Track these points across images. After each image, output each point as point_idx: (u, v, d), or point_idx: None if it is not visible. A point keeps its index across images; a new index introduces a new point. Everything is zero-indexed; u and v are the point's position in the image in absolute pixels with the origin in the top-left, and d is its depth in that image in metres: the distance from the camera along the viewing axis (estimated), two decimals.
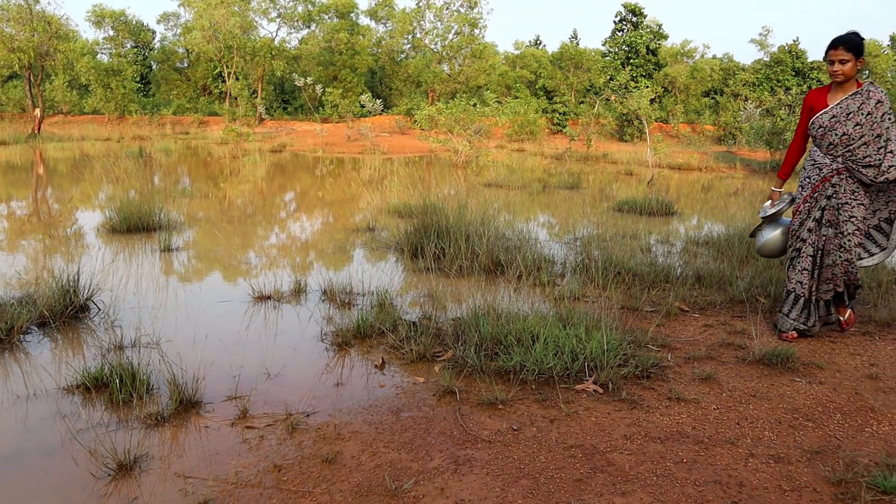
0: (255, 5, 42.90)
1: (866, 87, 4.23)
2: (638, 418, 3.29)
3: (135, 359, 3.73)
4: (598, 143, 27.65)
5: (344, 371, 3.88)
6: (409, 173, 15.66)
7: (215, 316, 4.93)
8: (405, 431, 3.12)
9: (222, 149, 24.81)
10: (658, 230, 8.88)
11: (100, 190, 12.58)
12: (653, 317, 4.91)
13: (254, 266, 6.66)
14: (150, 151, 21.39)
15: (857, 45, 4.15)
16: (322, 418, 3.25)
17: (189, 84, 48.13)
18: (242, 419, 3.22)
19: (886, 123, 4.21)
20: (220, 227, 8.68)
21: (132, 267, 6.38)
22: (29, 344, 4.25)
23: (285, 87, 46.83)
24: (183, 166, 18.43)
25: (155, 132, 33.83)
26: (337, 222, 9.66)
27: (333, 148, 25.68)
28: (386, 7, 46.95)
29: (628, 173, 18.78)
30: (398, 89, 44.82)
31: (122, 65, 44.20)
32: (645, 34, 38.88)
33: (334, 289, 5.31)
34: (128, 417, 3.23)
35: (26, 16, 34.87)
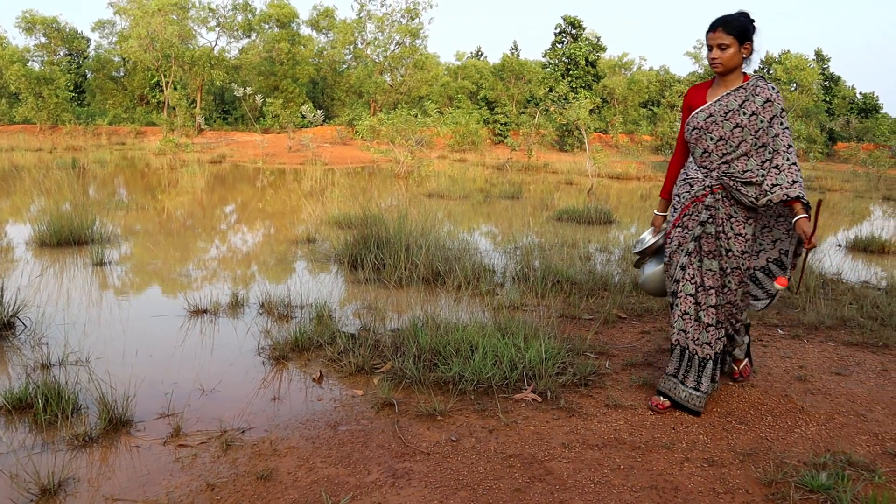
0: (194, 14, 42.24)
1: (753, 80, 3.32)
2: (576, 426, 3.32)
3: (62, 377, 3.60)
4: (539, 154, 28.00)
5: (281, 385, 3.81)
6: (350, 184, 15.58)
7: (149, 331, 4.80)
8: (343, 445, 3.08)
9: (160, 160, 24.27)
10: (597, 238, 9.02)
11: (30, 203, 12.16)
12: (591, 324, 4.97)
13: (191, 279, 6.52)
14: (84, 163, 20.78)
15: (740, 26, 3.26)
16: (258, 434, 3.19)
17: (125, 93, 47.04)
18: (175, 437, 3.13)
19: (775, 129, 3.28)
20: (158, 240, 8.48)
21: (62, 282, 6.17)
22: None
23: (225, 97, 46.16)
24: (119, 178, 17.97)
25: (90, 143, 32.91)
26: (277, 234, 9.54)
27: (274, 159, 25.39)
28: (327, 17, 46.77)
29: (569, 183, 19.06)
30: (340, 100, 44.65)
31: (54, 73, 42.94)
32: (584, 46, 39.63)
33: (272, 301, 5.23)
34: (53, 439, 3.11)
35: None
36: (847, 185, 21.99)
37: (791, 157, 3.25)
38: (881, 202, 18.14)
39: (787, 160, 3.26)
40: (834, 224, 12.69)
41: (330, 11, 46.78)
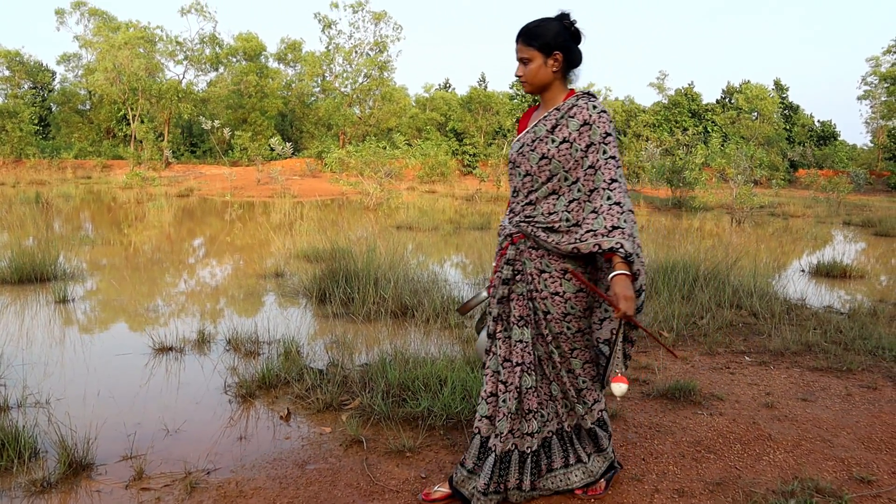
0: (162, 47, 42.25)
1: (572, 100, 2.64)
2: None
3: (20, 420, 3.51)
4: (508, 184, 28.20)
5: (248, 424, 3.75)
6: (319, 217, 15.54)
7: (112, 370, 4.70)
8: (311, 485, 3.03)
9: (127, 194, 24.04)
10: None
11: None
12: None
13: (158, 315, 6.42)
14: (48, 197, 20.49)
15: (542, 35, 2.60)
16: (224, 475, 3.12)
17: (91, 127, 46.67)
18: (138, 480, 3.06)
19: (591, 160, 2.56)
20: (124, 275, 8.36)
21: (23, 320, 6.04)
22: None
23: (193, 130, 46.00)
24: (85, 212, 17.75)
25: (54, 177, 32.53)
26: (246, 268, 9.46)
27: (243, 192, 25.28)
28: (294, 50, 47.00)
29: None
30: (309, 132, 44.73)
31: (18, 106, 42.51)
32: None
33: (240, 338, 5.17)
34: (10, 486, 3.02)
35: None
36: (809, 211, 22.47)
37: (614, 196, 2.50)
38: (842, 227, 18.55)
39: (607, 199, 2.51)
40: (797, 249, 12.93)
41: (297, 44, 47.05)
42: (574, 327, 2.66)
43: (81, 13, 44.67)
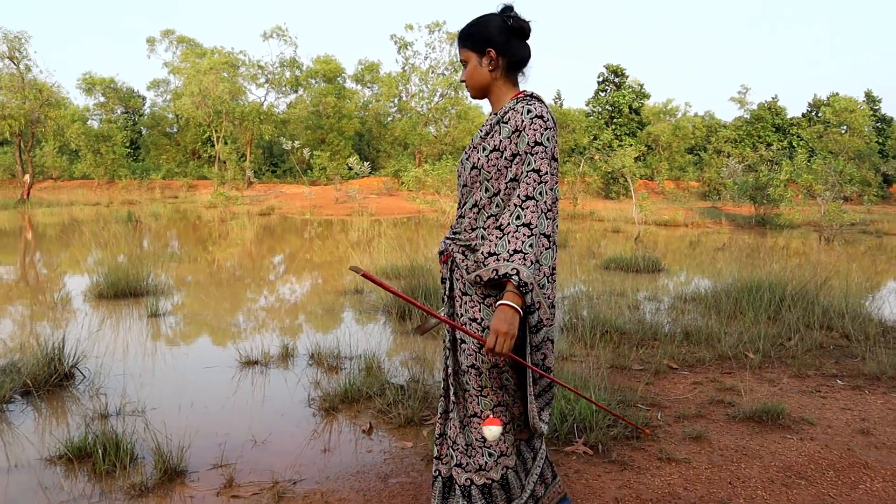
0: (244, 71, 43.70)
1: (510, 104, 2.32)
2: (629, 480, 3.26)
3: (119, 427, 3.69)
4: (585, 202, 27.98)
5: (331, 437, 3.83)
6: (397, 234, 15.74)
7: (202, 382, 4.88)
8: (393, 498, 3.07)
9: (211, 212, 24.91)
10: (646, 287, 8.93)
11: (88, 255, 12.55)
12: (642, 375, 4.90)
13: (241, 330, 6.63)
14: (139, 216, 21.45)
15: (471, 33, 2.36)
16: (309, 486, 3.20)
17: (178, 149, 48.63)
18: (228, 488, 3.16)
19: (516, 170, 2.23)
20: (209, 291, 8.66)
21: (119, 333, 6.34)
22: (12, 413, 4.19)
23: (274, 151, 47.38)
24: (172, 230, 18.47)
25: (144, 197, 34.02)
26: (325, 284, 9.66)
27: (322, 210, 25.84)
28: (371, 71, 47.94)
29: (615, 230, 18.96)
30: (385, 151, 45.44)
31: (111, 130, 44.72)
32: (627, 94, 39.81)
33: (322, 353, 5.29)
34: (111, 489, 3.17)
35: (18, 84, 35.31)
36: None
37: (525, 216, 2.17)
38: None
39: (516, 218, 2.17)
40: (892, 269, 12.37)
41: (374, 66, 47.99)
42: (489, 362, 2.30)
43: (170, 41, 46.76)
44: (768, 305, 6.63)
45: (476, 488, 2.40)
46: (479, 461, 2.39)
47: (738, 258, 12.22)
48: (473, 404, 2.36)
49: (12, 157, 42.74)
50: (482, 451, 2.39)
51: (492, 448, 2.39)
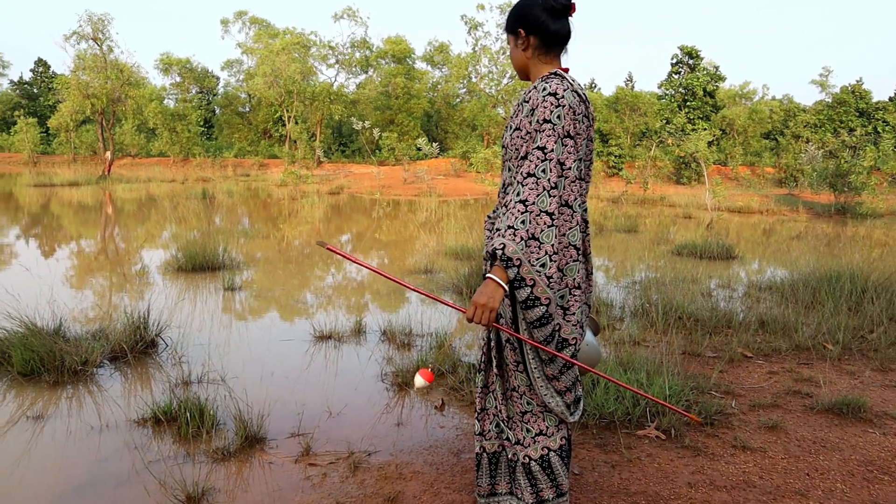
0: (315, 52, 44.21)
1: (536, 83, 2.29)
2: (702, 466, 3.23)
3: (202, 394, 3.84)
4: (655, 186, 27.44)
5: (404, 411, 3.91)
6: (465, 215, 15.79)
7: (278, 354, 5.02)
8: (466, 473, 3.12)
9: (281, 190, 25.41)
10: (718, 274, 8.74)
11: (166, 229, 13.00)
12: (715, 363, 4.83)
13: (313, 305, 6.78)
14: (213, 193, 22.04)
15: (509, 16, 2.38)
16: (383, 458, 3.28)
17: (250, 128, 49.64)
18: (305, 456, 3.27)
19: (526, 148, 2.23)
20: (281, 267, 8.88)
21: (197, 305, 6.56)
22: (101, 377, 4.41)
23: (343, 131, 47.92)
24: (244, 207, 18.93)
25: (217, 174, 34.88)
26: (394, 263, 9.78)
27: (390, 190, 26.06)
28: (441, 52, 47.89)
29: (686, 216, 18.57)
30: (454, 132, 45.44)
31: (187, 109, 45.97)
32: (702, 76, 38.74)
33: (394, 329, 5.37)
34: (195, 451, 3.31)
35: (101, 64, 36.57)
36: None
37: (523, 192, 2.16)
38: None
39: (516, 195, 2.18)
40: None
41: (444, 47, 47.91)
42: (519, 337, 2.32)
43: (243, 22, 47.63)
44: (849, 296, 6.42)
45: (535, 463, 2.40)
46: (517, 434, 2.41)
47: (816, 247, 11.84)
48: (512, 378, 2.39)
49: (94, 135, 44.45)
50: (520, 424, 2.41)
51: (529, 423, 2.39)
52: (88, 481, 3.07)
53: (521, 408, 2.40)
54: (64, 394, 4.13)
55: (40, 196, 21.03)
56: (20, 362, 4.32)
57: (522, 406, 2.39)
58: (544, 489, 2.41)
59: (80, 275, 8.28)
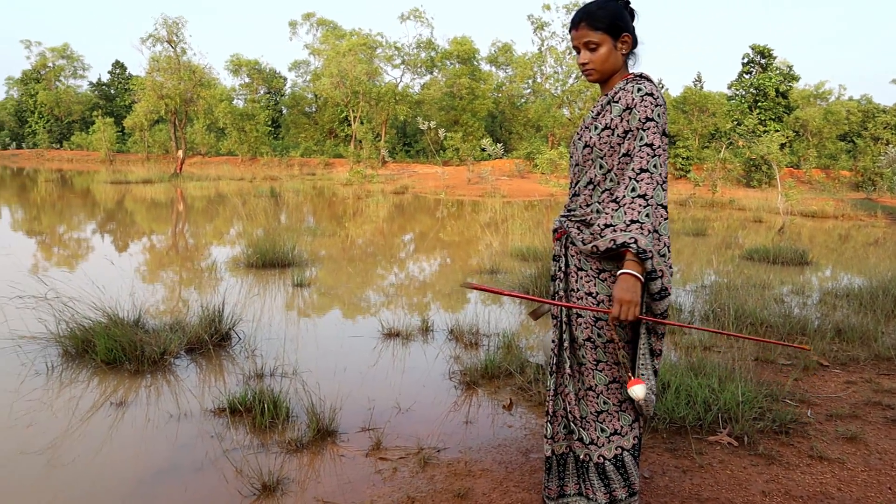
0: (381, 53, 44.65)
1: (620, 84, 2.37)
2: (776, 475, 3.16)
3: (274, 387, 3.94)
4: (724, 189, 26.81)
5: (471, 410, 3.93)
6: (530, 216, 15.73)
7: (347, 350, 5.11)
8: (535, 472, 3.12)
9: (346, 189, 25.76)
10: (791, 280, 8.50)
11: (236, 226, 13.34)
12: (789, 370, 4.71)
13: (380, 303, 6.87)
14: (280, 191, 22.49)
15: (609, 15, 2.36)
16: (452, 454, 3.31)
17: (316, 128, 50.45)
18: (376, 450, 3.32)
19: (628, 146, 2.29)
20: (346, 265, 9.01)
21: (266, 300, 6.72)
22: (178, 367, 4.56)
23: (407, 131, 48.26)
24: (310, 206, 19.26)
25: (284, 173, 35.56)
26: (457, 263, 9.82)
27: (454, 191, 26.14)
28: (505, 53, 47.80)
29: (756, 220, 18.10)
30: (518, 133, 45.28)
31: (255, 110, 47.02)
32: (774, 76, 37.71)
33: (461, 328, 5.40)
34: (269, 442, 3.40)
35: (174, 66, 37.71)
36: None
37: (640, 187, 2.22)
38: None
39: (631, 191, 2.23)
40: None
41: (508, 47, 47.81)
42: (605, 335, 2.35)
43: (311, 24, 48.51)
44: None
45: (609, 462, 2.42)
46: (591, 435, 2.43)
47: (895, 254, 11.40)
48: (589, 378, 2.41)
49: (167, 135, 45.91)
50: (595, 424, 2.42)
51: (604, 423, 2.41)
52: (169, 466, 3.18)
53: (597, 407, 2.42)
54: (144, 382, 4.29)
55: (116, 193, 21.83)
56: (104, 351, 4.51)
57: (598, 405, 2.41)
58: (617, 489, 2.43)
59: (156, 269, 8.57)
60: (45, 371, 4.44)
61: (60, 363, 4.59)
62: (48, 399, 3.99)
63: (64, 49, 59.83)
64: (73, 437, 3.48)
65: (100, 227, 13.08)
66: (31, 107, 59.95)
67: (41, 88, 58.66)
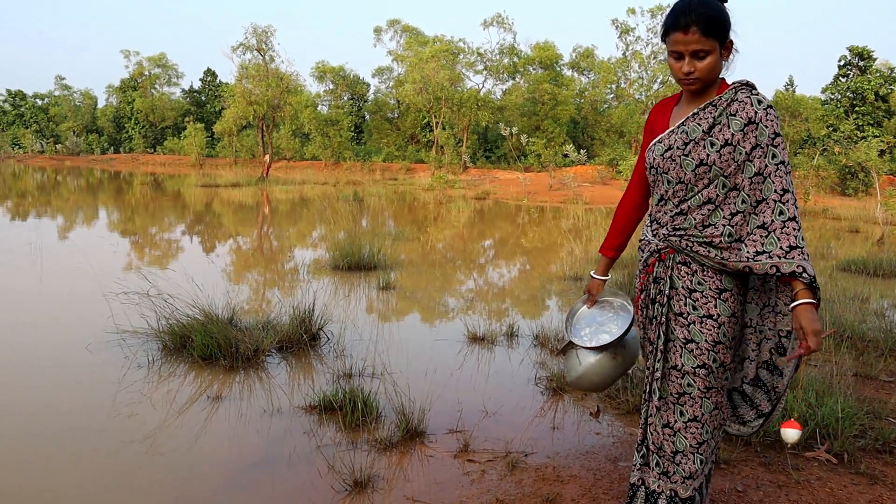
0: (463, 58, 44.83)
1: (730, 93, 2.21)
2: (880, 494, 3.03)
3: (364, 386, 4.02)
4: (817, 198, 25.78)
5: (558, 416, 3.92)
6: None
7: (433, 352, 5.17)
8: (623, 481, 3.09)
9: (428, 195, 25.99)
10: (891, 294, 8.12)
11: (322, 229, 13.65)
12: (892, 387, 4.50)
13: (463, 307, 6.92)
14: (362, 195, 22.88)
15: (720, 21, 2.15)
16: (540, 459, 3.31)
17: (398, 133, 51.03)
18: (464, 452, 3.36)
19: (758, 165, 2.16)
20: (428, 269, 9.10)
21: (351, 302, 6.86)
22: (270, 365, 4.72)
23: (488, 137, 48.29)
24: (392, 210, 19.52)
25: (366, 178, 36.15)
26: (537, 270, 9.78)
27: (535, 197, 26.03)
28: (587, 58, 47.27)
29: (853, 230, 17.33)
30: (600, 139, 44.68)
31: (339, 115, 47.94)
32: (874, 79, 36.06)
33: (546, 334, 5.39)
34: (358, 440, 3.48)
35: (263, 73, 38.91)
36: None
37: (788, 210, 2.12)
38: None
39: (780, 214, 2.12)
40: None
41: (590, 52, 47.26)
42: (720, 359, 2.27)
43: (395, 30, 49.08)
44: None
45: (680, 501, 2.36)
46: (689, 468, 2.35)
47: None
48: (695, 408, 2.31)
49: (254, 140, 47.35)
50: (693, 456, 2.33)
51: (704, 454, 2.35)
52: (262, 459, 3.30)
53: (700, 438, 2.35)
54: (237, 378, 4.46)
55: (206, 196, 22.66)
56: (200, 347, 4.70)
57: (701, 436, 2.35)
58: None
59: (247, 269, 8.87)
60: (147, 364, 4.66)
61: (160, 357, 4.81)
62: (148, 391, 4.19)
63: (160, 58, 62.46)
64: (171, 428, 3.65)
65: (193, 229, 13.61)
66: (127, 113, 62.81)
67: (138, 96, 61.38)
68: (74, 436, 3.54)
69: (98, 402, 4.00)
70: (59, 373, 4.53)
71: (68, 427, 3.65)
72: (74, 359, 4.79)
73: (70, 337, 5.30)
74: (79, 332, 5.40)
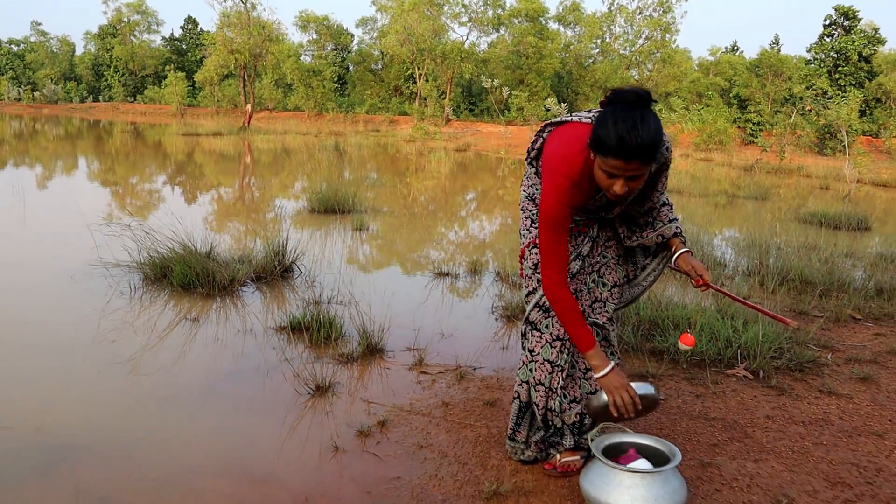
0: (448, 10, 44.49)
1: None
2: (784, 403, 3.42)
3: (331, 311, 4.35)
4: (794, 156, 26.15)
5: (510, 339, 4.28)
6: None
7: (400, 285, 5.51)
8: None
9: (410, 146, 26.12)
10: (845, 244, 8.52)
11: (301, 177, 13.87)
12: (820, 321, 4.89)
13: (434, 250, 7.24)
14: (344, 146, 22.99)
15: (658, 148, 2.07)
16: (487, 372, 3.67)
17: (382, 85, 50.76)
18: (418, 366, 3.71)
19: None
20: (406, 217, 9.40)
21: (327, 241, 7.16)
22: (245, 293, 5.03)
23: (472, 90, 48.16)
24: (373, 161, 19.70)
25: (349, 129, 36.08)
26: (518, 223, 10.10)
27: (516, 150, 26.23)
28: (574, 12, 47.01)
29: (824, 188, 17.74)
30: (584, 94, 44.74)
31: (322, 66, 47.54)
32: (858, 39, 36.27)
33: (507, 272, 5.74)
34: (323, 355, 3.82)
35: (244, 21, 38.46)
36: None
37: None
38: None
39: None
40: None
41: (577, 6, 47.00)
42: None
43: None
44: None
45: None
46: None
47: None
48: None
49: (236, 89, 46.94)
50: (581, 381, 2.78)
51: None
52: (236, 370, 3.63)
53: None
54: (214, 304, 4.77)
55: (187, 145, 22.69)
56: (179, 276, 4.99)
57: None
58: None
59: (225, 211, 9.12)
60: (129, 292, 4.95)
61: (141, 286, 5.10)
62: (131, 317, 4.49)
63: (139, 4, 61.39)
64: (153, 350, 3.95)
65: (177, 176, 13.77)
66: (106, 61, 61.90)
67: (117, 43, 60.47)
68: (62, 357, 3.82)
69: (83, 327, 4.28)
70: (44, 300, 4.82)
71: (55, 349, 3.93)
72: (60, 288, 5.07)
73: (55, 268, 5.57)
74: (63, 263, 5.67)
